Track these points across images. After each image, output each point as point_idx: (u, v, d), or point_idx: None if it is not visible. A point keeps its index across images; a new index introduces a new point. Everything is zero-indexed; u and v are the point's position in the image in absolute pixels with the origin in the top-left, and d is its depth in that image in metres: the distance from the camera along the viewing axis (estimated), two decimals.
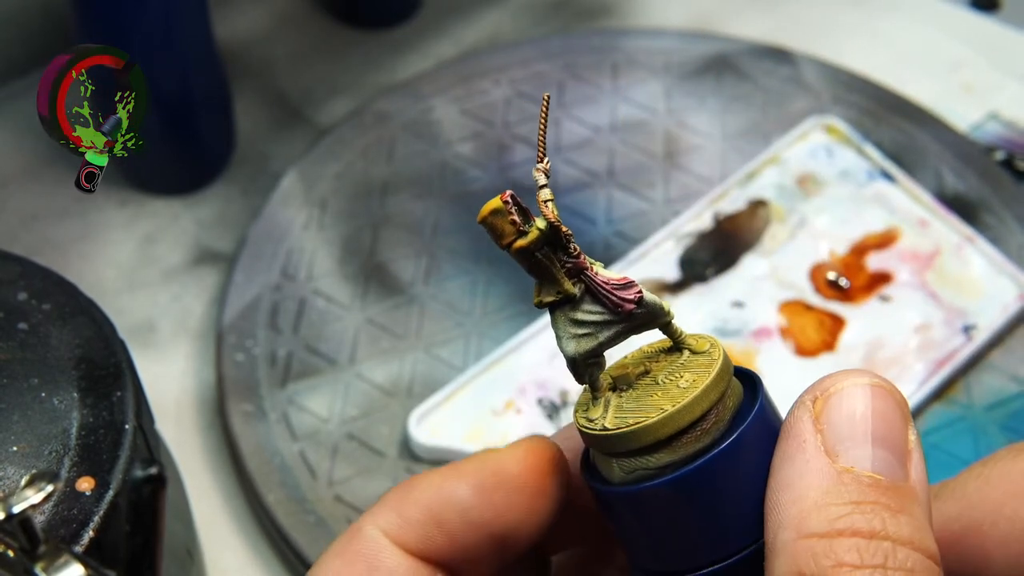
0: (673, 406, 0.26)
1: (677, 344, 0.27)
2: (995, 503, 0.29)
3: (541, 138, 0.26)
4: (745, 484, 0.26)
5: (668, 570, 0.26)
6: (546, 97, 0.27)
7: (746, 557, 0.26)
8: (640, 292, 0.26)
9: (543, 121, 0.26)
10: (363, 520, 0.28)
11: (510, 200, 0.26)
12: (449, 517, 0.27)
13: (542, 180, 0.26)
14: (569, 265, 0.26)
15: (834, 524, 0.24)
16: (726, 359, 0.27)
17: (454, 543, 0.27)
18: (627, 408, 0.27)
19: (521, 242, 0.26)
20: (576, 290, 0.27)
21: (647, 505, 0.26)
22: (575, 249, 0.26)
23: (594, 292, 0.26)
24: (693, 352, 0.27)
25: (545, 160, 0.26)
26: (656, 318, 0.27)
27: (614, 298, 0.26)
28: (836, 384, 0.25)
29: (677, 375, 0.27)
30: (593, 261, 0.27)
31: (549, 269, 0.27)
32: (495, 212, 0.26)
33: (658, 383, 0.27)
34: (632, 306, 0.26)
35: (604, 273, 0.27)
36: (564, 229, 0.26)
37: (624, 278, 0.27)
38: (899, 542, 0.24)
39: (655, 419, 0.26)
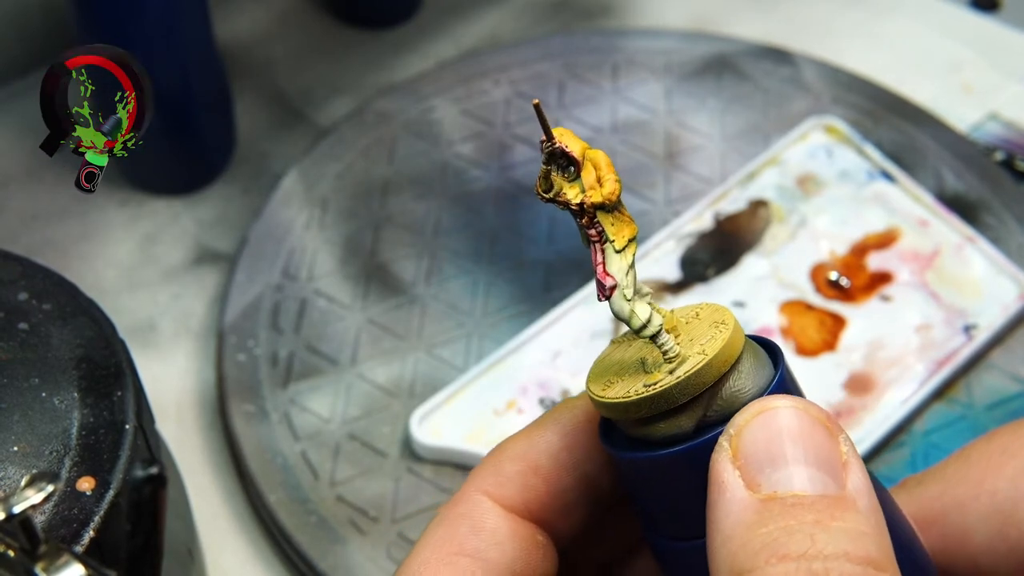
0: (688, 372, 0.26)
1: (666, 359, 0.27)
2: (975, 480, 0.29)
3: (548, 129, 0.26)
4: None
5: (690, 535, 0.27)
6: (536, 103, 0.27)
7: None
8: (607, 293, 0.26)
9: (545, 126, 0.26)
10: (465, 487, 0.29)
11: None
12: (543, 464, 0.29)
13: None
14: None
15: (760, 555, 0.23)
16: (737, 326, 0.27)
17: (551, 490, 0.29)
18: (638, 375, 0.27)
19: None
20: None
21: (671, 470, 0.26)
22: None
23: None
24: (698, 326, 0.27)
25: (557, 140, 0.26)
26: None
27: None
28: (746, 416, 0.25)
29: (692, 342, 0.27)
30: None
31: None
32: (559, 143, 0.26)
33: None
34: (600, 294, 0.26)
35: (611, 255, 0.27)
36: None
37: (610, 277, 0.27)
38: (832, 556, 0.23)
39: (667, 386, 0.26)
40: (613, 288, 0.27)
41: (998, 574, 0.29)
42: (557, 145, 0.26)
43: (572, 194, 0.26)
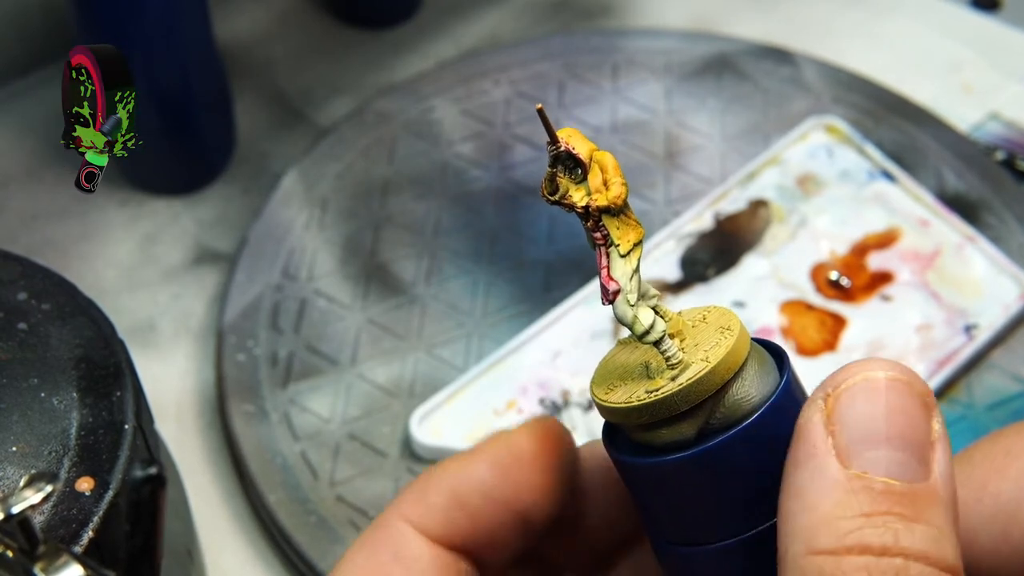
0: (690, 380, 0.25)
1: (669, 365, 0.27)
2: (979, 481, 0.29)
3: (552, 132, 0.26)
4: (774, 457, 0.25)
5: (692, 542, 0.26)
6: (539, 108, 0.27)
7: (764, 531, 0.25)
8: (610, 298, 0.26)
9: (549, 130, 0.26)
10: (387, 512, 0.28)
11: None
12: (470, 497, 0.28)
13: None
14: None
15: (843, 540, 0.23)
16: (743, 332, 0.26)
17: (477, 524, 0.28)
18: (646, 380, 0.27)
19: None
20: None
21: (671, 477, 0.26)
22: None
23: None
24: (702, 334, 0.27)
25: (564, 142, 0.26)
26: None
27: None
28: (849, 379, 0.24)
29: (696, 348, 0.26)
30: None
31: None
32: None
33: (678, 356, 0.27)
34: (604, 298, 0.26)
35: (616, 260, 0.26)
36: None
37: (614, 281, 0.26)
38: (912, 556, 0.23)
39: (668, 393, 0.26)
40: (616, 293, 0.26)
41: None
42: (563, 148, 0.26)
43: (578, 197, 0.26)
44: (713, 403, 0.26)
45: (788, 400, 0.26)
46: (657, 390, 0.26)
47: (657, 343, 0.26)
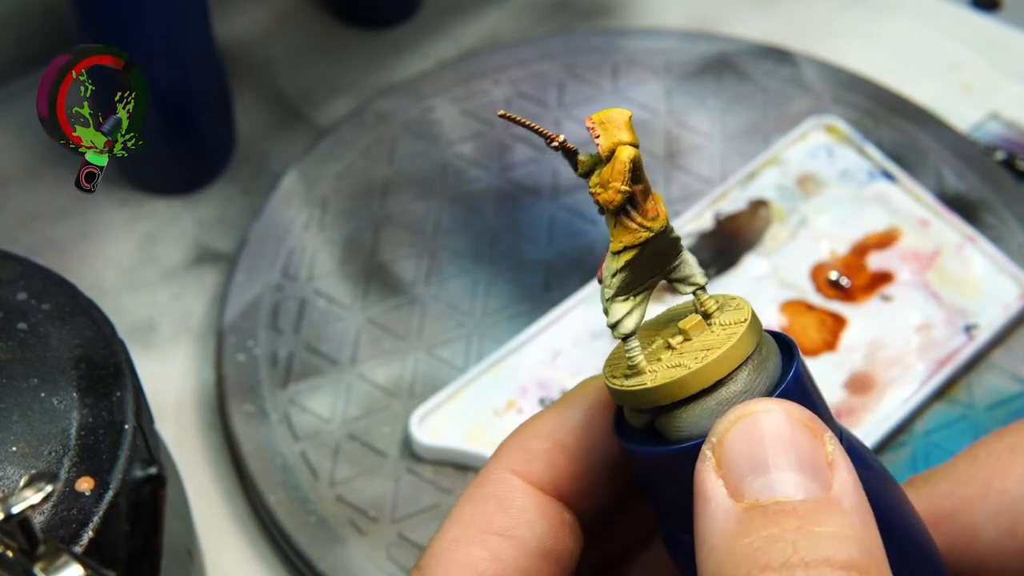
0: (715, 355, 0.26)
1: (700, 311, 0.27)
2: (984, 479, 0.29)
3: (537, 129, 0.26)
4: None
5: (690, 529, 0.26)
6: (500, 114, 0.27)
7: None
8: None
9: (529, 126, 0.26)
10: (490, 464, 0.29)
11: None
12: (570, 441, 0.29)
13: (565, 142, 0.26)
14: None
15: (742, 566, 0.23)
16: (755, 318, 0.26)
17: (577, 467, 0.29)
18: (671, 362, 0.27)
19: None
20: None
21: (663, 466, 0.26)
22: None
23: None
24: (717, 312, 0.27)
25: (558, 136, 0.26)
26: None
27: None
28: (726, 423, 0.25)
29: (709, 330, 0.27)
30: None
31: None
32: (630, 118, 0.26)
33: (691, 341, 0.27)
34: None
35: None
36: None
37: (599, 273, 0.27)
38: (813, 563, 0.23)
39: (685, 374, 0.26)
40: (600, 283, 0.27)
41: (1007, 573, 0.29)
42: (554, 144, 0.26)
43: (591, 183, 0.26)
44: (705, 399, 0.26)
45: (799, 385, 0.26)
46: (632, 382, 0.26)
47: (624, 340, 0.27)
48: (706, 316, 0.27)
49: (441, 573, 0.27)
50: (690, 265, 0.27)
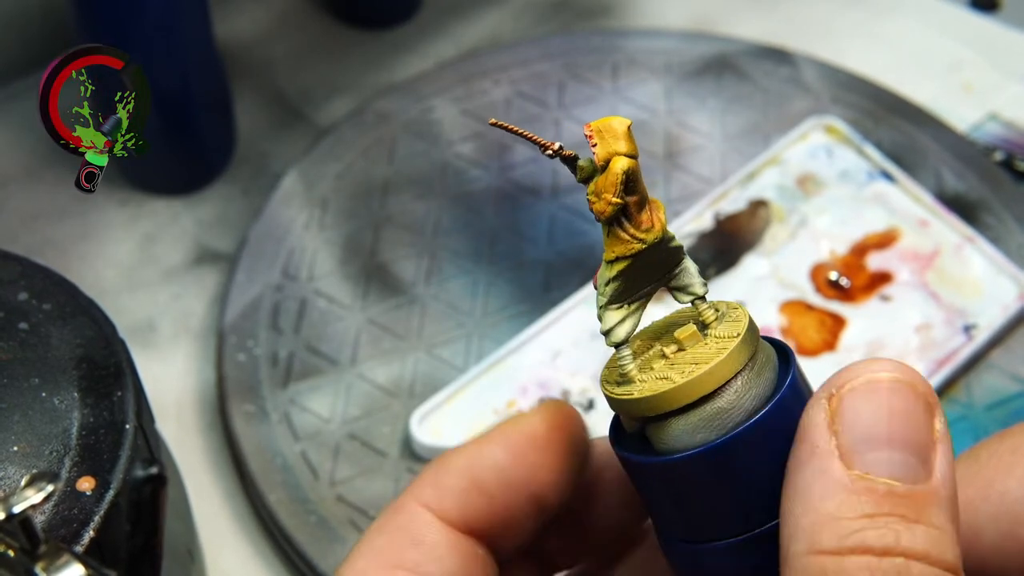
0: (701, 371, 0.26)
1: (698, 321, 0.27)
2: (985, 480, 0.29)
3: (531, 138, 0.26)
4: (779, 454, 0.25)
5: (699, 539, 0.26)
6: (492, 122, 0.27)
7: (773, 528, 0.25)
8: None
9: (522, 134, 0.26)
10: (404, 496, 0.28)
11: None
12: (486, 479, 0.28)
13: (561, 149, 0.26)
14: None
15: (845, 541, 0.23)
16: (752, 326, 0.26)
17: (493, 506, 0.28)
18: (660, 373, 0.27)
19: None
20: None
21: (678, 475, 0.26)
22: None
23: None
24: (715, 321, 0.27)
25: (553, 144, 0.26)
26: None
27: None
28: (853, 379, 0.25)
29: (703, 342, 0.26)
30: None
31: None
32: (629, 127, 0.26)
33: (685, 351, 0.27)
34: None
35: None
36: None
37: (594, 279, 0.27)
38: (913, 557, 0.23)
39: (669, 388, 0.26)
40: (595, 289, 0.27)
41: (1007, 575, 0.29)
42: (549, 152, 0.26)
43: (588, 190, 0.26)
44: (721, 394, 0.26)
45: (792, 401, 0.26)
46: (623, 391, 0.26)
47: (616, 348, 0.27)
48: (703, 326, 0.27)
49: None
50: (690, 274, 0.27)
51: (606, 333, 0.27)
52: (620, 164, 0.25)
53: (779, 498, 0.25)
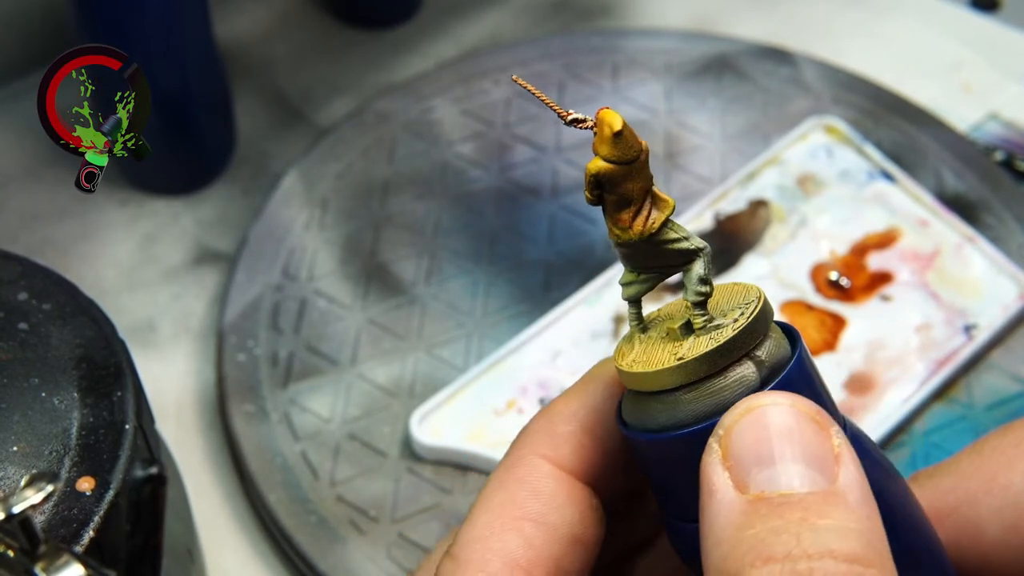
0: (707, 348, 0.26)
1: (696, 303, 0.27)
2: (988, 474, 0.29)
3: (549, 104, 0.27)
4: None
5: (691, 517, 0.27)
6: (514, 78, 0.27)
7: None
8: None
9: (539, 97, 0.27)
10: (518, 449, 0.29)
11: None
12: (595, 422, 0.29)
13: (582, 115, 0.26)
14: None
15: (747, 557, 0.23)
16: (766, 305, 0.26)
17: (603, 449, 0.29)
18: (644, 349, 0.27)
19: (646, 144, 0.26)
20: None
21: (685, 450, 0.26)
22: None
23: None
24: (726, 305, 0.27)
25: (570, 112, 0.26)
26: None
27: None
28: (733, 416, 0.25)
29: (714, 320, 0.27)
30: None
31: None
32: (625, 124, 0.26)
33: (692, 330, 0.27)
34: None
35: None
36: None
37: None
38: (816, 556, 0.23)
39: (641, 371, 0.26)
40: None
41: (1010, 569, 0.29)
42: (567, 121, 0.26)
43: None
44: (726, 372, 0.26)
45: (801, 374, 0.26)
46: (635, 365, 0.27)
47: (627, 302, 0.28)
48: (688, 328, 0.27)
49: (476, 560, 0.27)
50: (691, 279, 0.27)
51: (621, 287, 0.28)
52: (590, 166, 0.26)
53: None
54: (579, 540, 0.28)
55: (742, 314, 0.26)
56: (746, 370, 0.26)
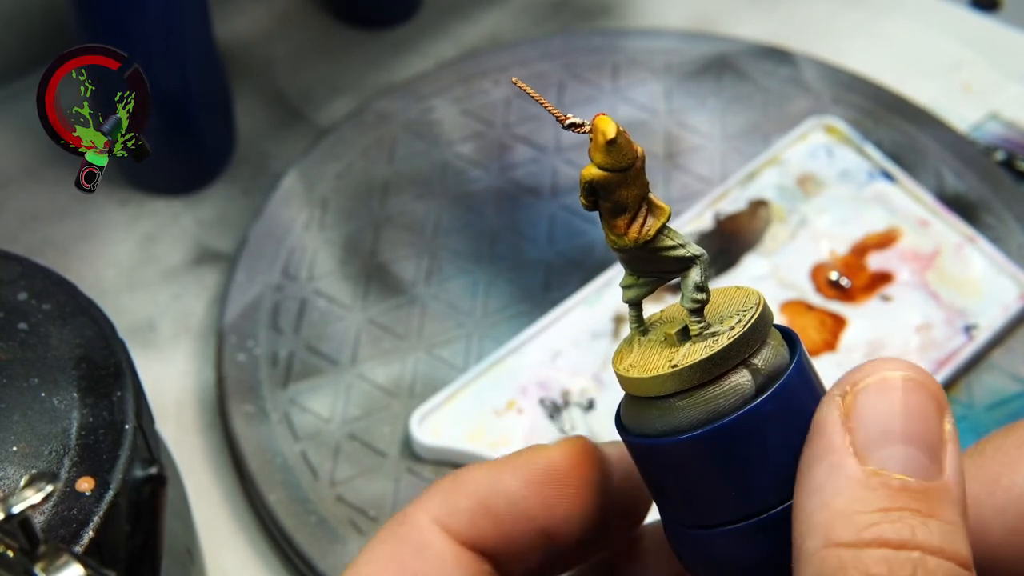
0: (701, 355, 0.26)
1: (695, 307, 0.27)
2: (991, 474, 0.29)
3: (547, 107, 0.27)
4: (783, 440, 0.25)
5: (701, 523, 0.27)
6: (514, 80, 0.27)
7: (776, 515, 0.26)
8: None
9: (538, 100, 0.27)
10: (412, 507, 0.28)
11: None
12: (499, 507, 0.28)
13: (580, 119, 0.26)
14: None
15: (862, 534, 0.23)
16: (765, 311, 0.26)
17: (501, 533, 0.28)
18: (641, 354, 0.27)
19: (642, 150, 0.26)
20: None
21: (681, 457, 0.26)
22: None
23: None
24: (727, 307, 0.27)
25: (569, 115, 0.26)
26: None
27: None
28: (867, 377, 0.25)
29: (718, 324, 0.27)
30: None
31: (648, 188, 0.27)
32: (619, 131, 0.26)
33: (690, 336, 0.27)
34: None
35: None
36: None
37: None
38: (928, 551, 0.23)
39: (635, 375, 0.26)
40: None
41: (1013, 570, 0.29)
42: (565, 124, 0.26)
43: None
44: (725, 377, 0.26)
45: (799, 382, 0.26)
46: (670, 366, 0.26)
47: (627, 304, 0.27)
48: (685, 334, 0.27)
49: None
50: (687, 286, 0.27)
51: (621, 289, 0.28)
52: (584, 173, 0.26)
53: (785, 482, 0.25)
54: None
55: (739, 322, 0.26)
56: (742, 378, 0.26)
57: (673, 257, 0.27)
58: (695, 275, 0.27)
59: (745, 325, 0.26)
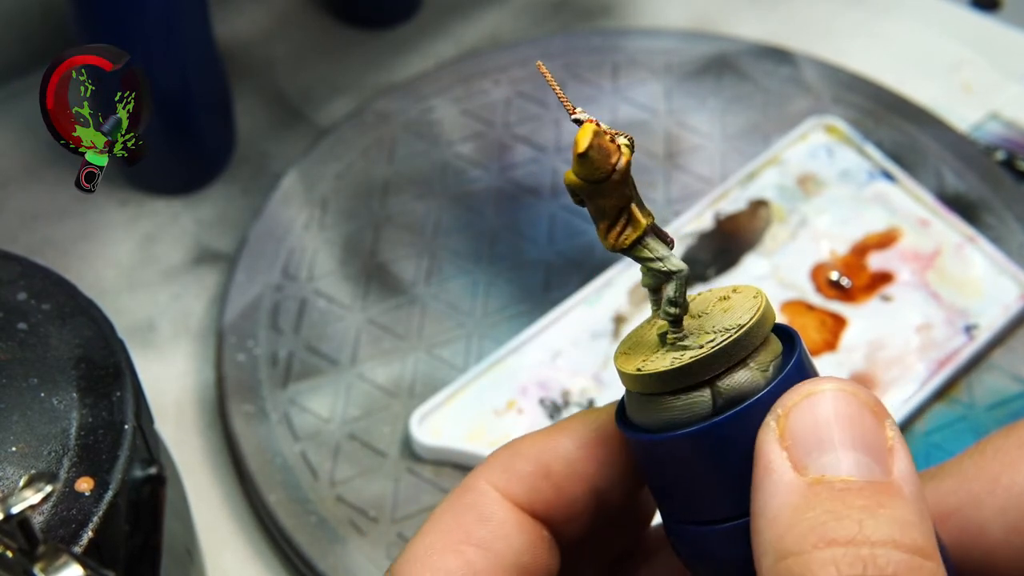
0: (664, 366, 0.26)
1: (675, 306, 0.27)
2: (991, 474, 0.29)
3: (561, 98, 0.27)
4: (749, 453, 0.25)
5: (695, 520, 0.27)
6: (538, 65, 0.27)
7: None
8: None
9: (556, 90, 0.27)
10: (474, 475, 0.29)
11: (596, 121, 0.26)
12: (556, 469, 0.29)
13: (586, 116, 0.26)
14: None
15: (807, 538, 0.23)
16: (745, 335, 0.26)
17: (560, 495, 0.29)
18: (643, 353, 0.27)
19: (628, 156, 0.26)
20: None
21: (656, 454, 0.26)
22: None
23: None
24: (731, 299, 0.28)
25: (578, 109, 0.26)
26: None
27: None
28: (795, 397, 0.25)
29: (718, 321, 0.27)
30: None
31: (635, 190, 0.27)
32: (597, 134, 0.26)
33: (703, 330, 0.27)
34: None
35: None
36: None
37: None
38: (878, 543, 0.23)
39: (629, 371, 0.26)
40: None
41: (1014, 569, 0.29)
42: (573, 118, 0.26)
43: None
44: (726, 375, 0.26)
45: (799, 378, 0.26)
46: (675, 362, 0.27)
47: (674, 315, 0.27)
48: (664, 339, 0.27)
49: None
50: (663, 301, 0.27)
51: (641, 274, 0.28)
52: (565, 176, 0.26)
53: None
54: (526, 570, 0.28)
55: (710, 342, 0.26)
56: (699, 397, 0.26)
57: (651, 268, 0.27)
58: (670, 290, 0.27)
59: (715, 346, 0.26)
